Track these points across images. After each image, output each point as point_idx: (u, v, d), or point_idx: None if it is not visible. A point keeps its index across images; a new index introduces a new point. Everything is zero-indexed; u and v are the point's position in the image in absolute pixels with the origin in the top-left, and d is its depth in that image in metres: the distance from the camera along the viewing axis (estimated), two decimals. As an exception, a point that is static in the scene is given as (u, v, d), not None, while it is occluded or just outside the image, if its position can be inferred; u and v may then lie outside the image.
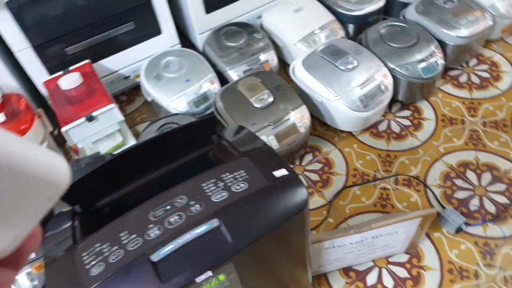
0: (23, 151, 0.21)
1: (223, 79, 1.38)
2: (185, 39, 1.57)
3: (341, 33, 1.42)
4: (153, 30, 1.37)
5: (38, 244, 0.24)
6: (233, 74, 1.37)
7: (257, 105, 1.18)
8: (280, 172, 0.61)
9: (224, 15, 1.48)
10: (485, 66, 1.49)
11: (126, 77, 1.45)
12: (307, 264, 0.78)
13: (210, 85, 1.33)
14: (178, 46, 1.46)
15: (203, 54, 1.44)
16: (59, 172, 0.22)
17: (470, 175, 1.22)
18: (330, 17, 1.43)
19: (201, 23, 1.46)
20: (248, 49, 1.39)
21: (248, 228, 0.54)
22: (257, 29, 1.46)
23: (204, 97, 1.32)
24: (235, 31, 1.44)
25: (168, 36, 1.41)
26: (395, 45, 1.31)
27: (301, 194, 0.59)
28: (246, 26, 1.46)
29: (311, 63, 1.29)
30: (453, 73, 1.48)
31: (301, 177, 1.26)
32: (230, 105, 1.23)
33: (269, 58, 1.40)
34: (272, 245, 0.61)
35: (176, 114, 1.27)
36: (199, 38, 1.49)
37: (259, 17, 1.55)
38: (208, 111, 1.33)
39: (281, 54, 1.51)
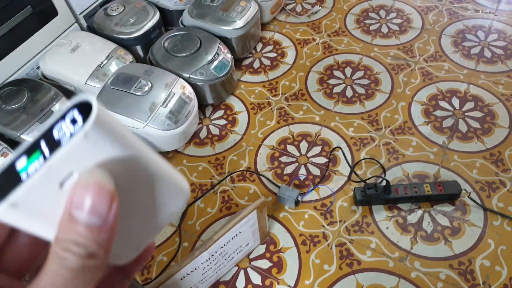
0: (165, 167, 0.23)
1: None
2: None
3: (129, 58, 1.38)
4: None
5: (150, 257, 0.26)
6: (27, 137, 1.22)
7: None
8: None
9: (-7, 78, 1.31)
10: (270, 47, 1.61)
11: None
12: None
13: (4, 159, 1.17)
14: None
15: (-15, 127, 1.25)
16: (183, 189, 0.24)
17: (291, 148, 1.30)
18: (111, 45, 1.37)
19: (-31, 95, 1.27)
20: (34, 106, 1.25)
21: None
22: (38, 81, 1.32)
23: (4, 174, 1.16)
24: (12, 91, 1.28)
25: None
26: (183, 55, 1.32)
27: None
28: (23, 82, 1.31)
29: (106, 99, 1.22)
30: (246, 62, 1.56)
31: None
32: (33, 173, 1.09)
33: (62, 107, 1.28)
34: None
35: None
36: (-25, 110, 1.29)
37: (39, 67, 1.41)
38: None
39: (78, 97, 1.40)
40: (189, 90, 1.27)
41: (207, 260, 0.96)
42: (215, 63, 1.32)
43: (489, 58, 1.46)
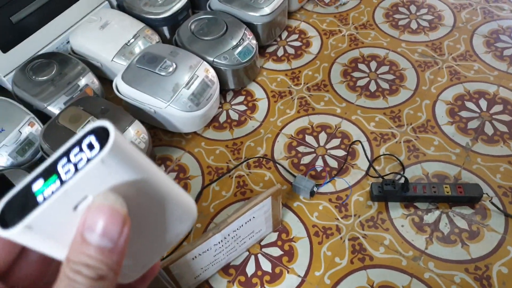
0: (175, 189, 0.23)
1: (46, 117, 1.25)
2: (-10, 85, 1.39)
3: (156, 38, 1.39)
4: None
5: (155, 275, 0.26)
6: (53, 109, 1.25)
7: (82, 137, 1.09)
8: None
9: (26, 50, 1.34)
10: (295, 36, 1.59)
11: None
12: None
13: (30, 128, 1.21)
14: (-21, 97, 1.29)
15: (15, 96, 1.29)
16: (191, 210, 0.24)
17: (309, 139, 1.29)
18: (139, 25, 1.39)
19: (1, 65, 1.31)
20: (62, 79, 1.28)
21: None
22: (67, 55, 1.35)
23: (28, 143, 1.20)
24: (43, 63, 1.31)
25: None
26: (208, 38, 1.33)
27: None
28: (53, 56, 1.34)
29: (131, 77, 1.24)
30: (270, 49, 1.55)
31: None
32: (55, 144, 1.12)
33: (88, 81, 1.30)
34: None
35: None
36: (6, 80, 1.33)
37: (68, 41, 1.43)
38: (38, 156, 1.22)
39: (103, 74, 1.42)
40: (212, 73, 1.27)
41: (219, 242, 0.97)
42: (240, 48, 1.32)
43: (522, 61, 1.42)
